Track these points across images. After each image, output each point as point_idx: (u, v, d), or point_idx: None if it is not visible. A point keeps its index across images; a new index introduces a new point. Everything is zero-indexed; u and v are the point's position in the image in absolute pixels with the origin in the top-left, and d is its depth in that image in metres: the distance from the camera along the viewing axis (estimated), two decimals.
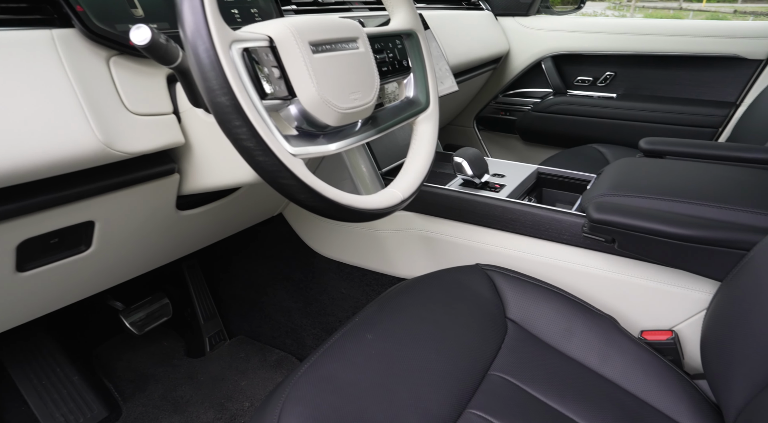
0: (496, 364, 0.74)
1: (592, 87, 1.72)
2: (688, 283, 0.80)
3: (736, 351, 0.66)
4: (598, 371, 0.76)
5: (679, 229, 0.73)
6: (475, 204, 0.96)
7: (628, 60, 1.64)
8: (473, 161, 0.98)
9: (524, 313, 0.83)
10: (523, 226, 0.91)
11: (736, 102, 1.51)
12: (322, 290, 1.24)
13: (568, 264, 0.89)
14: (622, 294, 0.85)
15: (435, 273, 0.87)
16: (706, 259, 0.74)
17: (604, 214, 0.78)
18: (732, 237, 0.71)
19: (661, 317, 0.83)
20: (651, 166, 0.93)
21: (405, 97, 0.77)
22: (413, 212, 1.04)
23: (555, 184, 1.09)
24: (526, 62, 1.77)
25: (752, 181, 0.84)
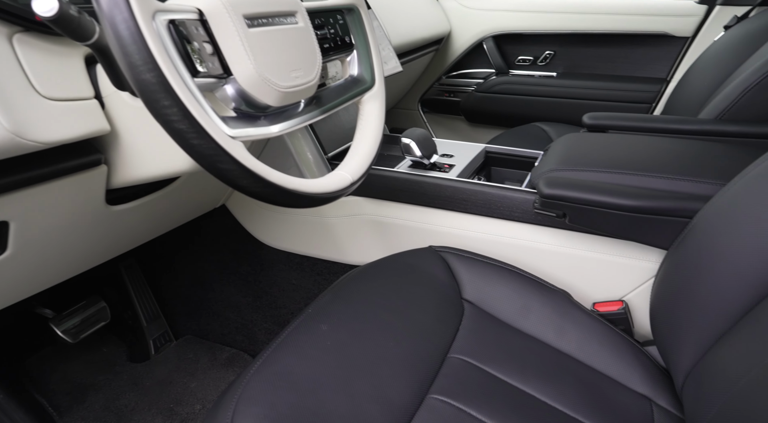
0: (455, 346, 0.73)
1: (533, 66, 1.74)
2: (637, 254, 0.82)
3: (682, 316, 0.68)
4: (555, 346, 0.77)
5: (627, 200, 0.74)
6: (425, 185, 0.94)
7: (566, 39, 1.67)
8: (421, 142, 0.96)
9: (480, 294, 0.82)
10: (475, 205, 0.90)
11: (667, 78, 1.57)
12: (271, 282, 1.19)
13: (520, 241, 0.89)
14: (574, 268, 0.86)
15: (388, 258, 0.84)
16: (653, 229, 0.75)
17: (555, 189, 0.78)
18: (676, 206, 0.73)
19: (612, 288, 0.85)
20: (596, 140, 0.94)
21: (349, 76, 0.74)
22: (362, 197, 1.01)
23: (503, 163, 1.09)
24: (467, 43, 1.76)
25: (690, 151, 0.86)
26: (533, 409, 0.66)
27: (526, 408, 0.66)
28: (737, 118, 0.96)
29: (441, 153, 1.06)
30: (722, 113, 0.98)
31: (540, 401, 0.67)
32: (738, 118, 0.96)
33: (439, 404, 0.64)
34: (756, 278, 0.61)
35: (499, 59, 1.73)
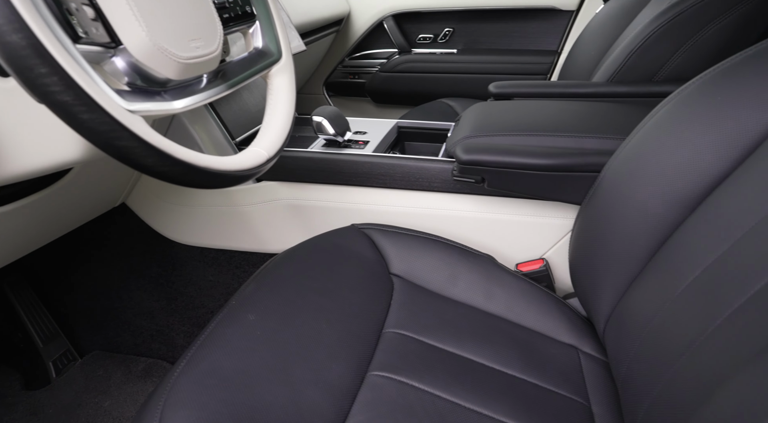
0: (389, 321, 0.72)
1: (434, 44, 1.76)
2: (553, 212, 0.85)
3: (598, 266, 0.71)
4: (485, 309, 0.78)
5: (540, 160, 0.76)
6: (341, 163, 0.92)
7: (463, 15, 1.71)
8: (334, 119, 0.93)
9: (408, 267, 0.82)
10: (393, 179, 0.89)
11: (558, 50, 1.66)
12: (186, 282, 1.11)
13: (442, 211, 0.90)
14: (496, 232, 0.88)
15: (310, 240, 0.81)
16: (566, 186, 0.78)
17: (472, 155, 0.79)
18: (584, 161, 0.76)
19: (533, 248, 0.88)
20: (504, 107, 0.96)
21: (253, 48, 0.69)
22: (277, 181, 0.96)
23: (416, 137, 1.09)
24: (368, 23, 1.75)
25: (591, 111, 0.91)
26: (472, 372, 0.66)
27: (465, 371, 0.66)
28: (626, 79, 1.03)
29: (354, 131, 1.04)
30: (612, 76, 1.04)
31: (477, 363, 0.68)
32: (626, 80, 1.03)
33: (380, 380, 0.62)
34: (659, 221, 0.65)
35: (401, 38, 1.74)
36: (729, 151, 0.60)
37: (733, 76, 0.63)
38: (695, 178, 0.62)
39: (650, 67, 1.01)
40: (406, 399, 0.60)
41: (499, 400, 0.63)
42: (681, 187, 0.63)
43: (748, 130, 0.59)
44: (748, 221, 0.53)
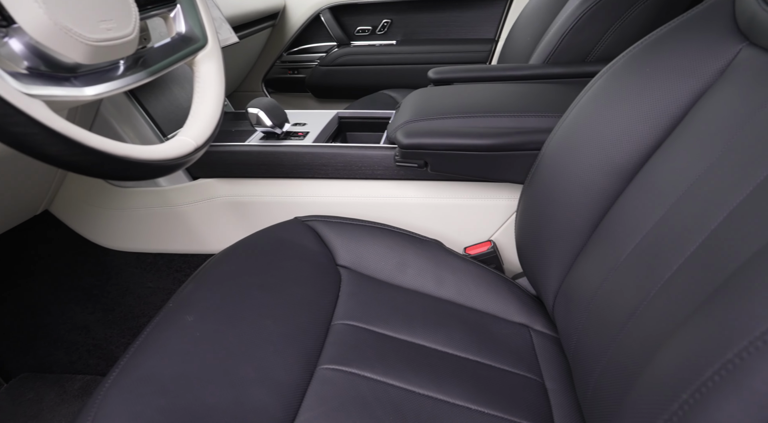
0: (337, 313, 0.69)
1: (372, 36, 1.75)
2: (497, 193, 0.85)
3: (544, 243, 0.72)
4: (436, 295, 0.77)
5: (482, 140, 0.76)
6: (281, 155, 0.88)
7: (400, 6, 1.70)
8: (270, 110, 0.89)
9: (355, 257, 0.79)
10: (336, 169, 0.87)
11: (495, 37, 1.68)
12: (123, 291, 1.04)
13: (387, 199, 0.88)
14: (442, 217, 0.87)
15: (251, 236, 0.78)
16: (508, 165, 0.78)
17: (414, 138, 0.77)
18: (525, 140, 0.76)
19: (480, 230, 0.87)
20: (444, 91, 0.96)
21: (176, 34, 0.65)
22: (214, 178, 0.92)
23: (357, 127, 1.07)
24: (304, 16, 1.71)
25: (529, 91, 0.92)
26: (425, 358, 0.65)
27: (418, 358, 0.65)
28: (560, 61, 1.05)
29: (293, 123, 1.00)
30: (547, 58, 1.06)
31: (430, 349, 0.67)
32: (561, 61, 1.05)
33: (330, 373, 0.60)
34: (599, 193, 0.66)
35: (339, 31, 1.71)
36: (660, 121, 0.61)
37: (659, 47, 0.65)
38: (630, 149, 0.63)
39: (582, 47, 1.04)
40: (358, 391, 0.58)
41: (454, 384, 0.62)
42: (617, 158, 0.64)
43: (676, 99, 0.60)
44: (680, 186, 0.54)
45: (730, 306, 0.34)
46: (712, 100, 0.57)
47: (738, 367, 0.28)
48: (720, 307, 0.35)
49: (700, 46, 0.61)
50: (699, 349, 0.33)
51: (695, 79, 0.60)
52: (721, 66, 0.58)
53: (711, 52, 0.59)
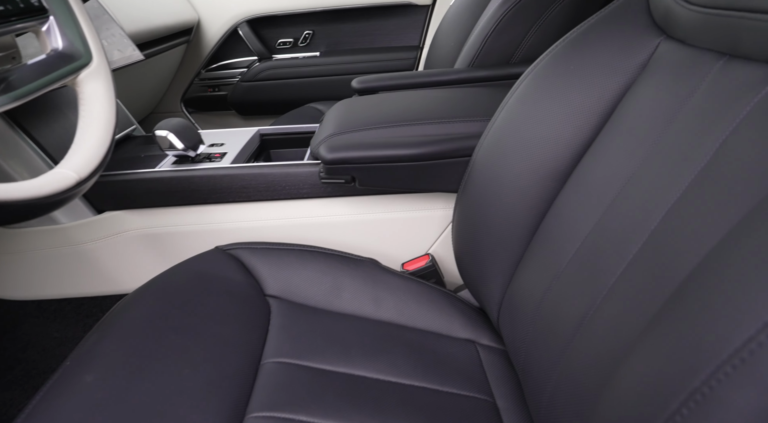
0: (267, 350, 0.63)
1: (295, 48, 1.69)
2: (432, 204, 0.81)
3: (483, 252, 0.68)
4: (375, 317, 0.72)
5: (410, 150, 0.72)
6: (196, 180, 0.81)
7: (321, 17, 1.65)
8: (181, 132, 0.81)
9: (285, 285, 0.73)
10: (258, 191, 0.80)
11: (420, 44, 1.66)
12: (24, 345, 0.92)
13: (316, 218, 0.82)
14: (376, 233, 0.82)
15: (166, 272, 0.70)
16: (440, 174, 0.74)
17: (338, 153, 0.72)
18: (455, 147, 0.73)
19: (417, 244, 0.83)
20: (368, 101, 0.91)
21: (51, 50, 0.57)
22: (123, 210, 0.83)
23: (281, 143, 1.01)
24: (221, 31, 1.63)
25: (455, 97, 0.89)
26: (367, 390, 0.59)
27: (360, 392, 0.59)
28: (485, 63, 1.03)
29: (209, 143, 0.93)
30: (472, 61, 1.04)
31: (371, 380, 0.61)
32: (486, 64, 1.03)
33: (263, 422, 0.53)
34: (534, 197, 0.63)
35: (259, 45, 1.64)
36: (587, 119, 0.59)
37: (579, 45, 0.63)
38: (561, 150, 0.61)
39: (506, 49, 1.02)
40: None
41: (401, 417, 0.57)
42: (549, 160, 0.61)
43: (601, 96, 0.59)
44: (615, 186, 0.52)
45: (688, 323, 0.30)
46: (637, 96, 0.55)
47: (708, 399, 0.24)
48: (676, 324, 0.32)
49: (620, 42, 0.59)
50: (662, 374, 0.29)
51: (618, 74, 0.58)
52: (641, 60, 0.57)
53: (630, 46, 0.58)
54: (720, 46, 0.47)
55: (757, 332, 0.25)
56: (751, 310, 0.25)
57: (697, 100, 0.47)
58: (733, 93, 0.43)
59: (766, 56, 0.42)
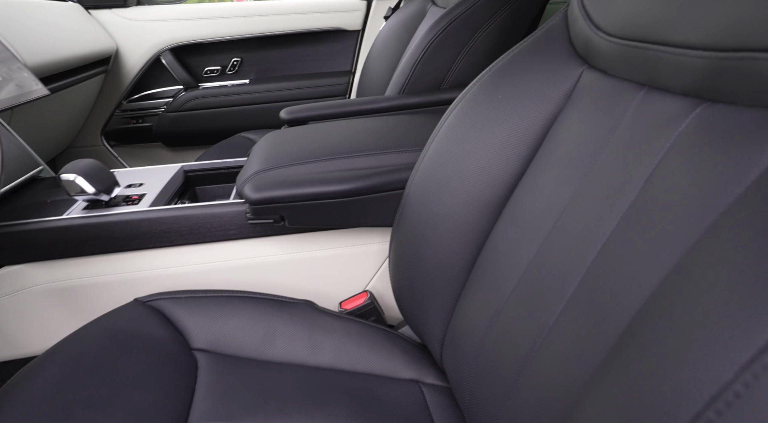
0: (194, 413, 0.57)
1: (223, 76, 1.63)
2: (367, 239, 0.78)
3: (422, 287, 0.66)
4: (312, 364, 0.68)
5: (341, 185, 0.68)
6: (111, 227, 0.74)
7: (249, 43, 1.61)
8: (91, 174, 0.74)
9: (213, 336, 0.67)
10: (181, 234, 0.74)
11: (352, 69, 1.65)
12: None
13: (246, 260, 0.77)
14: (311, 272, 0.78)
15: (75, 333, 0.62)
16: (374, 209, 0.72)
17: (264, 192, 0.68)
18: (387, 180, 0.71)
19: (355, 281, 0.80)
20: (297, 133, 0.88)
21: None
22: (26, 263, 0.75)
23: (208, 179, 0.95)
24: (142, 60, 1.55)
25: (387, 126, 0.87)
26: None
27: None
28: (415, 90, 1.03)
29: (126, 184, 0.86)
30: (402, 88, 1.03)
31: None
32: (416, 90, 1.03)
33: None
34: (471, 230, 0.61)
35: (184, 73, 1.57)
36: (518, 150, 0.58)
37: (506, 75, 0.63)
38: (493, 181, 0.59)
39: (435, 75, 1.02)
40: None
41: None
42: (482, 191, 0.60)
43: (529, 126, 0.58)
44: (549, 219, 0.51)
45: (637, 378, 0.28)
46: (565, 125, 0.55)
47: None
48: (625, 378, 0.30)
49: (544, 71, 0.59)
50: None
51: (544, 104, 0.58)
52: (566, 89, 0.57)
53: (555, 76, 0.58)
54: (639, 78, 0.47)
55: (713, 400, 0.23)
56: (697, 378, 0.24)
57: (622, 131, 0.47)
58: (655, 126, 0.43)
59: (683, 89, 0.42)
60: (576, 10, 0.58)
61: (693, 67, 0.40)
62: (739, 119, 0.36)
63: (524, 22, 1.05)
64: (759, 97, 0.34)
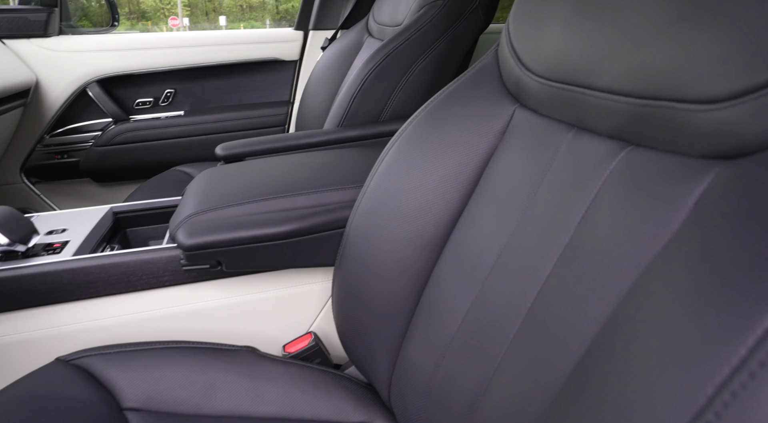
0: None
1: (156, 108, 1.57)
2: (311, 277, 0.76)
3: (365, 328, 0.64)
4: (255, 414, 0.64)
5: (281, 227, 0.66)
6: (28, 279, 0.68)
7: (184, 74, 1.56)
8: (4, 223, 0.69)
9: (147, 393, 0.63)
10: (109, 284, 0.70)
11: (290, 100, 1.63)
12: None
13: (182, 307, 0.73)
14: (252, 315, 0.75)
15: None
16: (315, 249, 0.70)
17: (199, 237, 0.65)
18: (328, 219, 0.69)
19: (298, 322, 0.77)
20: (233, 171, 0.85)
21: None
22: None
23: (140, 221, 0.90)
24: (66, 92, 1.47)
25: (326, 161, 0.86)
26: None
27: None
28: (354, 123, 1.03)
29: (47, 231, 0.80)
30: (341, 121, 1.02)
31: None
32: (355, 123, 1.03)
33: None
34: (413, 268, 0.61)
35: (114, 106, 1.50)
36: (456, 187, 0.59)
37: (442, 112, 0.63)
38: (433, 219, 0.59)
39: (373, 108, 1.03)
40: None
41: None
42: (422, 229, 0.60)
43: (467, 164, 0.59)
44: (489, 259, 0.51)
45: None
46: (500, 163, 0.56)
47: None
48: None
49: (478, 109, 0.60)
50: None
51: (480, 141, 0.58)
52: (500, 127, 0.58)
53: (488, 113, 0.59)
54: (568, 118, 0.49)
55: None
56: None
57: (555, 171, 0.48)
58: (585, 166, 0.44)
59: (609, 131, 0.44)
60: (506, 49, 0.60)
61: (616, 111, 0.42)
62: (662, 164, 0.37)
63: (459, 54, 1.08)
64: (677, 143, 0.36)
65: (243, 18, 42.12)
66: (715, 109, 0.33)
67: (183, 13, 39.62)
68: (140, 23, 39.55)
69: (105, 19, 1.73)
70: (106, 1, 1.67)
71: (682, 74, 0.36)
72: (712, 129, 0.33)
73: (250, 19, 42.17)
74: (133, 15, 40.73)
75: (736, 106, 0.31)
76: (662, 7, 0.38)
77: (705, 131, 0.33)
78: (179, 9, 38.43)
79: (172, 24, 33.09)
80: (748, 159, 0.31)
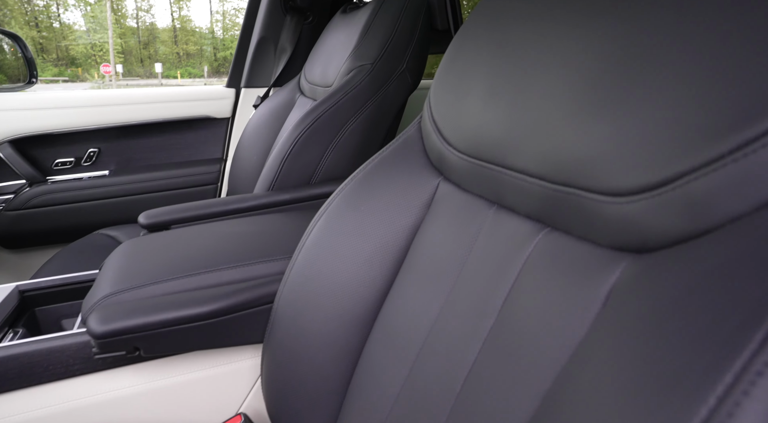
0: None
1: (78, 168, 1.49)
2: (237, 356, 0.72)
3: (298, 410, 0.61)
4: None
5: (204, 307, 0.63)
6: None
7: (109, 133, 1.50)
8: None
9: None
10: (7, 379, 0.63)
11: (223, 157, 1.60)
12: None
13: (95, 398, 0.67)
14: (177, 400, 0.70)
15: None
16: (242, 327, 0.67)
17: (113, 323, 0.60)
18: (255, 295, 0.66)
19: (226, 404, 0.72)
20: (156, 243, 0.81)
21: None
22: None
23: (51, 299, 0.83)
24: None
25: (255, 230, 0.83)
26: None
27: None
28: (285, 185, 1.01)
29: None
30: (272, 184, 1.01)
31: None
32: (286, 186, 1.01)
33: None
34: (343, 346, 0.59)
35: (28, 167, 1.41)
36: (384, 260, 0.58)
37: (366, 184, 0.63)
38: (361, 295, 0.58)
39: (305, 171, 1.02)
40: None
41: None
42: (351, 306, 0.58)
43: (393, 237, 0.58)
44: (418, 339, 0.50)
45: None
46: (426, 236, 0.56)
47: None
48: None
49: (404, 181, 0.60)
50: None
51: (405, 214, 0.58)
52: (425, 200, 0.58)
53: (413, 186, 0.59)
54: (489, 195, 0.50)
55: None
56: None
57: (479, 249, 0.48)
58: (506, 246, 0.45)
59: (526, 212, 0.44)
60: (428, 123, 0.61)
61: (532, 193, 0.43)
62: (575, 251, 0.38)
63: (389, 116, 1.10)
64: (588, 231, 0.37)
65: (180, 65, 41.73)
66: (619, 203, 0.34)
67: (116, 59, 38.80)
68: (69, 70, 38.32)
69: (23, 72, 1.65)
70: (23, 57, 1.59)
71: (590, 163, 0.36)
72: (616, 221, 0.34)
73: (188, 66, 41.87)
74: (61, 61, 39.44)
75: (640, 202, 0.32)
76: (572, 93, 0.40)
77: (611, 223, 0.34)
78: (111, 56, 37.62)
79: (104, 71, 32.24)
80: (653, 255, 0.32)
